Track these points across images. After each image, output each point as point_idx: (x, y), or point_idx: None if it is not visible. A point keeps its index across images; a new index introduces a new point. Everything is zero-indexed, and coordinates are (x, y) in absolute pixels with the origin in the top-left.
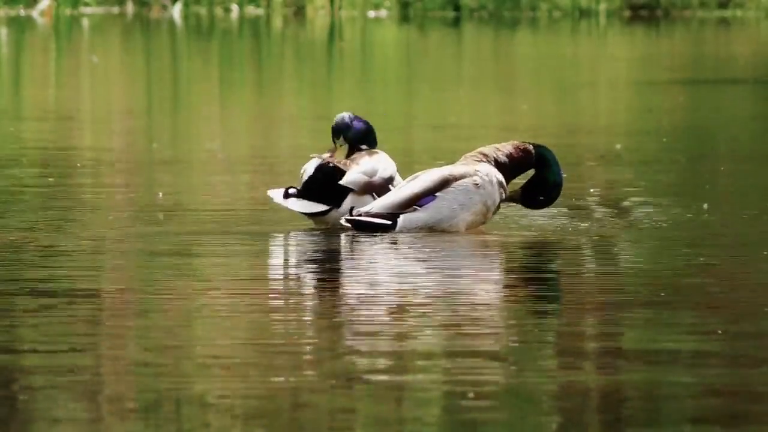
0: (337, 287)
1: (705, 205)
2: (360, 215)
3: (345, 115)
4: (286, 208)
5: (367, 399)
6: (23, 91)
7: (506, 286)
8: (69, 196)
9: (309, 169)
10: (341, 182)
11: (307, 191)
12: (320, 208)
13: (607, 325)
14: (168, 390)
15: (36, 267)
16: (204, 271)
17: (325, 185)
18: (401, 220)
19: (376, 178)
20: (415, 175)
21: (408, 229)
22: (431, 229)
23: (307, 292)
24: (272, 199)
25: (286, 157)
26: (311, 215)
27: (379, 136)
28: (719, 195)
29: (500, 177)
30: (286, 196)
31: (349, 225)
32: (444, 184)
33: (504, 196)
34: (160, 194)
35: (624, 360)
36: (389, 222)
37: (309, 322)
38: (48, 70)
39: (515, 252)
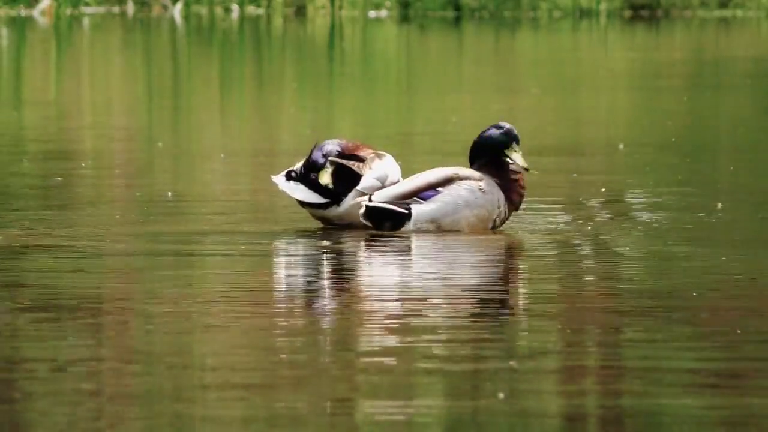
0: (338, 294)
1: (719, 205)
2: (378, 202)
3: (331, 146)
4: (285, 193)
5: (368, 418)
6: (25, 91)
7: (506, 296)
8: (73, 195)
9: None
10: (358, 188)
11: (311, 181)
12: (321, 200)
13: (607, 342)
14: (167, 404)
15: (37, 268)
16: (207, 275)
17: (338, 184)
18: (414, 210)
19: (387, 183)
20: (417, 174)
21: (418, 221)
22: (438, 228)
23: (310, 300)
24: (276, 184)
25: (289, 157)
26: (310, 205)
27: (380, 136)
28: (732, 195)
29: (502, 198)
30: (288, 178)
31: (363, 210)
32: (448, 181)
33: (505, 213)
34: (169, 194)
35: (624, 379)
36: (406, 211)
37: (311, 334)
38: (49, 69)
39: (518, 255)
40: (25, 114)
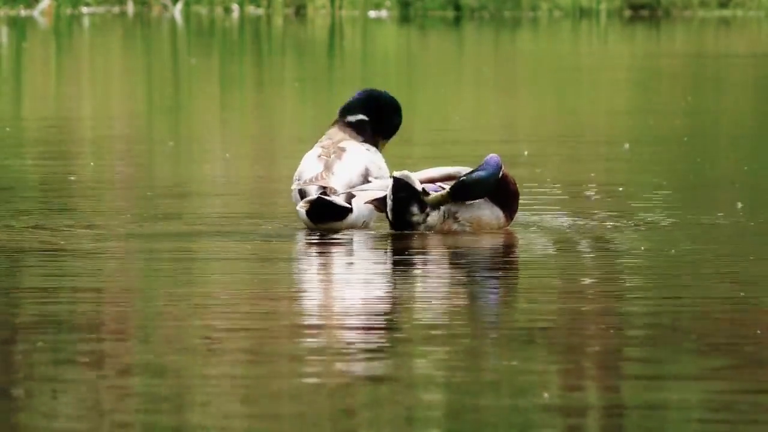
0: (339, 297)
1: (739, 204)
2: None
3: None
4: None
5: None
6: (26, 90)
7: (505, 302)
8: (75, 195)
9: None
10: (330, 199)
11: (318, 216)
12: (337, 219)
13: (607, 372)
14: (168, 416)
15: (37, 269)
16: (208, 278)
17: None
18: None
19: (355, 180)
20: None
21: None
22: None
23: (313, 304)
24: (300, 215)
25: (290, 156)
26: (325, 220)
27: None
28: (750, 194)
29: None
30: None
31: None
32: (449, 178)
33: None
34: (178, 193)
35: (627, 414)
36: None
37: (312, 343)
38: (49, 69)
39: (519, 258)
40: (26, 113)
